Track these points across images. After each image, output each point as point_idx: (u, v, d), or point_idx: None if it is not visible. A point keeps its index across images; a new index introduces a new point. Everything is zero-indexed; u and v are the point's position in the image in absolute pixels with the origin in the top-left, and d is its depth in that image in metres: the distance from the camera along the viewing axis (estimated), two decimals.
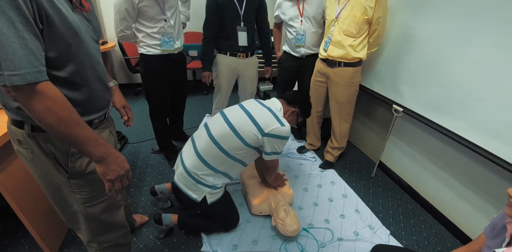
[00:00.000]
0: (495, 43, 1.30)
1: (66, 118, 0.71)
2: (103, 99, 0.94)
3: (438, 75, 1.61)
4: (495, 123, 1.35)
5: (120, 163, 0.83)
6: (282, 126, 1.37)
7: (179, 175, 1.50)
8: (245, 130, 1.38)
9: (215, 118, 1.52)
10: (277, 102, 1.54)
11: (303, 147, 2.56)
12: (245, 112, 1.44)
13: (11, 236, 1.54)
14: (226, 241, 1.58)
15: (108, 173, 0.81)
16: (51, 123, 0.70)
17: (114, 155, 0.82)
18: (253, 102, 1.54)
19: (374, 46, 1.94)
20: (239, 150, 1.40)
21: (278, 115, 1.43)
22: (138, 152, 2.44)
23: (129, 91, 3.79)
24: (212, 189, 1.45)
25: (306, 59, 2.26)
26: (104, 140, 0.81)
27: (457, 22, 1.46)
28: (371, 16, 1.76)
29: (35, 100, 0.67)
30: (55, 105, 0.69)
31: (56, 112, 0.69)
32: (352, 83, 1.99)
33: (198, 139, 1.49)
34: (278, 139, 1.39)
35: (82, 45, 0.79)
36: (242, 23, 2.08)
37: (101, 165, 0.80)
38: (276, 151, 1.43)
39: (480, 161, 1.54)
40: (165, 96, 2.04)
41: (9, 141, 1.16)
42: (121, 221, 1.12)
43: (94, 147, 0.77)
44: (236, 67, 2.24)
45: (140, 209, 1.81)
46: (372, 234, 1.67)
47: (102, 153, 0.79)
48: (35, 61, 0.66)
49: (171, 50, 1.88)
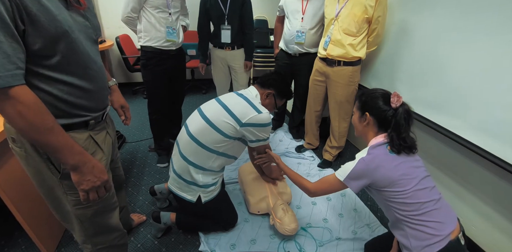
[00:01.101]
0: (494, 42, 1.29)
1: (37, 124, 0.69)
2: (99, 100, 0.92)
3: (436, 74, 1.61)
4: (493, 122, 1.35)
5: (96, 173, 0.81)
6: (259, 113, 1.34)
7: (171, 180, 1.50)
8: (221, 122, 1.34)
9: (192, 116, 1.49)
10: (252, 89, 1.50)
11: (302, 146, 2.55)
12: (220, 104, 1.40)
13: (7, 236, 1.53)
14: (224, 240, 1.57)
15: (83, 182, 0.80)
16: (22, 128, 0.69)
17: (90, 164, 0.80)
18: (230, 94, 1.51)
19: (373, 45, 1.94)
20: (220, 143, 1.37)
21: (254, 103, 1.38)
22: (136, 151, 2.43)
23: (127, 90, 3.78)
24: (205, 187, 1.44)
25: (300, 57, 2.27)
26: (81, 148, 0.79)
27: (455, 21, 1.46)
28: (371, 15, 1.75)
29: (6, 104, 0.66)
30: (27, 110, 0.67)
31: (27, 118, 0.68)
32: (351, 83, 1.99)
33: (180, 140, 1.48)
34: (259, 127, 1.36)
35: (74, 45, 0.77)
36: (226, 22, 2.27)
37: (76, 173, 0.79)
38: (260, 138, 1.41)
39: (477, 160, 1.54)
40: (163, 90, 2.09)
41: (4, 139, 1.15)
42: (115, 223, 1.09)
43: (68, 154, 0.75)
44: (224, 58, 2.47)
45: (138, 208, 1.80)
46: (371, 233, 1.67)
47: (77, 161, 0.77)
48: (9, 64, 0.63)
49: (175, 41, 1.97)
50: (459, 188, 1.69)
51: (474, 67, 1.40)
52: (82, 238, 1.05)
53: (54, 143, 0.73)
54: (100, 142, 0.96)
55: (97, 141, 0.94)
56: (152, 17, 1.86)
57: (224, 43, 2.35)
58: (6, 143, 1.15)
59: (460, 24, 1.43)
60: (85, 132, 0.89)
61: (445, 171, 1.78)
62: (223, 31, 2.30)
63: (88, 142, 0.91)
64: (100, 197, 0.86)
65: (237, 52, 2.43)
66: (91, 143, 0.92)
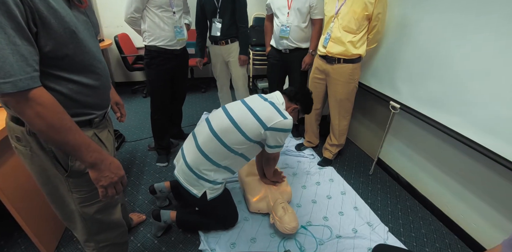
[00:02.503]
0: (494, 38, 1.28)
1: (56, 125, 0.70)
2: (104, 97, 0.94)
3: (435, 71, 1.60)
4: (492, 119, 1.34)
5: (113, 169, 0.83)
6: (285, 119, 1.39)
7: (179, 170, 1.48)
8: (247, 124, 1.38)
9: (216, 113, 1.52)
10: (279, 97, 1.54)
11: (302, 144, 2.55)
12: (246, 107, 1.44)
13: (7, 236, 1.53)
14: (224, 239, 1.57)
15: (101, 179, 0.81)
16: (42, 129, 0.70)
17: (107, 161, 0.81)
18: (255, 97, 1.55)
19: (373, 43, 1.93)
20: (241, 145, 1.40)
21: (281, 108, 1.44)
22: (136, 150, 2.43)
23: (127, 90, 3.77)
24: (213, 184, 1.44)
25: (290, 53, 2.28)
26: (97, 145, 0.80)
27: (454, 17, 1.44)
28: (371, 12, 1.74)
29: (26, 106, 0.66)
30: (46, 111, 0.68)
31: (46, 119, 0.69)
32: (351, 80, 1.98)
33: (199, 134, 1.49)
34: (282, 132, 1.41)
35: (81, 44, 0.78)
36: (218, 15, 2.29)
37: (94, 171, 0.80)
38: (278, 144, 1.46)
39: (477, 157, 1.53)
40: (166, 89, 2.10)
41: (3, 139, 1.15)
42: (118, 219, 1.11)
43: (86, 152, 0.77)
44: (221, 54, 2.49)
45: (138, 207, 1.80)
46: (371, 231, 1.67)
47: (94, 159, 0.78)
48: (27, 67, 0.64)
49: (184, 39, 2.01)
50: (458, 186, 1.69)
51: (472, 63, 1.39)
52: (84, 237, 1.06)
53: (72, 141, 0.74)
54: (104, 139, 0.97)
55: (101, 138, 0.95)
56: (156, 16, 1.85)
57: (216, 37, 2.36)
58: (3, 143, 1.15)
59: (459, 20, 1.42)
60: (90, 129, 0.90)
61: (444, 168, 1.77)
62: (214, 24, 2.32)
63: (94, 139, 0.91)
64: (118, 192, 0.87)
65: (232, 46, 2.43)
66: (96, 140, 0.93)
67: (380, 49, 1.99)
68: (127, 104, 3.37)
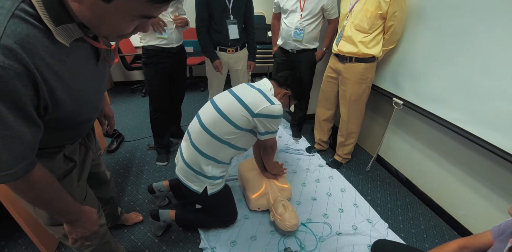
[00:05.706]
0: (496, 33, 1.28)
1: (44, 196, 0.71)
2: (85, 130, 0.91)
3: (437, 67, 1.60)
4: (494, 114, 1.35)
5: (88, 226, 0.85)
6: (272, 104, 1.34)
7: (179, 168, 1.49)
8: (234, 113, 1.35)
9: (205, 107, 1.50)
10: (267, 83, 1.51)
11: (312, 146, 2.51)
12: (234, 96, 1.41)
13: (8, 237, 1.53)
14: (224, 237, 1.57)
15: (73, 232, 0.84)
16: (29, 199, 0.71)
17: (83, 219, 0.83)
18: (243, 85, 1.51)
19: (390, 43, 1.82)
20: (231, 135, 1.38)
21: (268, 94, 1.39)
22: (135, 150, 2.43)
23: (125, 89, 3.76)
24: (212, 180, 1.44)
25: (298, 54, 2.23)
26: (79, 206, 0.81)
27: (458, 12, 1.44)
28: (385, 11, 1.65)
29: (22, 185, 0.65)
30: (38, 184, 0.68)
31: (35, 190, 0.68)
32: (362, 80, 1.89)
33: (192, 130, 1.48)
34: (270, 118, 1.36)
35: (87, 106, 0.76)
36: (232, 17, 2.08)
37: (68, 225, 0.83)
38: (270, 131, 1.42)
39: (479, 152, 1.53)
40: (164, 88, 2.09)
41: None
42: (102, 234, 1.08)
43: (66, 214, 0.79)
44: (227, 62, 2.27)
45: (138, 206, 1.80)
46: (371, 227, 1.68)
47: (72, 219, 0.81)
48: (31, 153, 0.62)
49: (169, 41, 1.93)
50: (458, 182, 1.69)
51: (474, 59, 1.39)
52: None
53: (56, 208, 0.76)
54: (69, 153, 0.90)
55: (68, 156, 0.89)
56: None
57: (229, 42, 2.14)
58: None
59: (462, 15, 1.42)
60: (59, 152, 0.85)
61: (444, 164, 1.77)
62: (229, 26, 2.09)
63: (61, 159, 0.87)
64: (89, 241, 0.90)
65: (241, 54, 2.28)
66: (64, 160, 0.88)
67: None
68: (126, 104, 3.36)
